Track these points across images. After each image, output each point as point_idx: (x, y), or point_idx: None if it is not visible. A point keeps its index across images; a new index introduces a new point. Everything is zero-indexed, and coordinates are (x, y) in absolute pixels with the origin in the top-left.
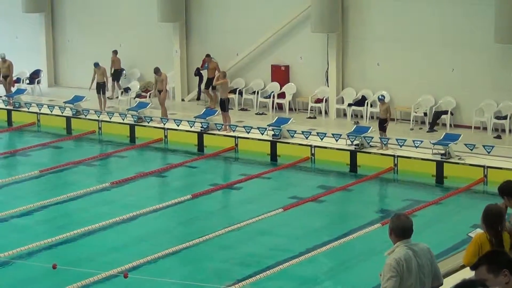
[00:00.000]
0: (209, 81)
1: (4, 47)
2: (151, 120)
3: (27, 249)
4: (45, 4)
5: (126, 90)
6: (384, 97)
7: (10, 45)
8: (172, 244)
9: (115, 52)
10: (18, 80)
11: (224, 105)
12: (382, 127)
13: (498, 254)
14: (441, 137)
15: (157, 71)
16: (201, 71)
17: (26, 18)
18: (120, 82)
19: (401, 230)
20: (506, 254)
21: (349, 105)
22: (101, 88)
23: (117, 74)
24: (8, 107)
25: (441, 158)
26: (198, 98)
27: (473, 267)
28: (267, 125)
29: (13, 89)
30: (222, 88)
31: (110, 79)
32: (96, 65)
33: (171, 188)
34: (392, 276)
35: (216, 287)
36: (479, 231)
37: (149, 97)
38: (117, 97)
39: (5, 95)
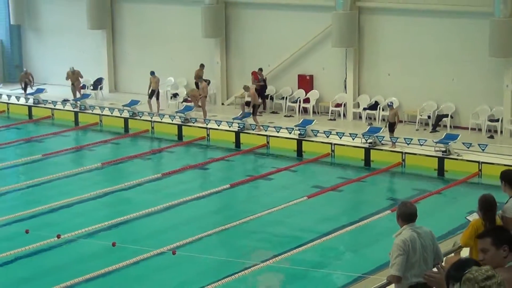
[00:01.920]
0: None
1: (72, 59)
2: (196, 121)
3: (91, 230)
4: (106, 22)
5: (175, 95)
6: (392, 103)
7: (77, 56)
8: (214, 226)
9: (201, 66)
10: (83, 87)
11: (255, 110)
12: (391, 129)
13: (502, 230)
14: (443, 137)
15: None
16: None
17: (90, 34)
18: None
19: (407, 215)
20: (509, 232)
21: (364, 109)
22: (153, 94)
23: (197, 85)
24: (75, 110)
25: (442, 154)
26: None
27: (479, 236)
28: (294, 126)
29: (78, 95)
30: (253, 97)
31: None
32: (152, 73)
33: (212, 179)
34: (399, 254)
35: (251, 263)
36: (476, 215)
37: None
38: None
39: (73, 99)
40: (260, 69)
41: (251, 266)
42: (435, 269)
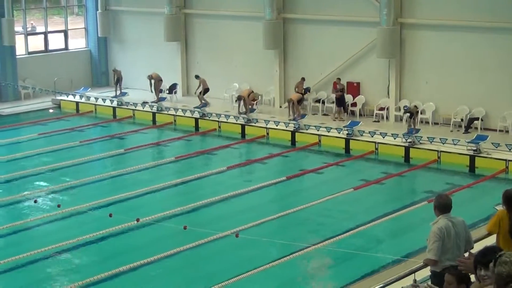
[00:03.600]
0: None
1: (151, 67)
2: (257, 121)
3: (165, 214)
4: (180, 35)
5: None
6: (407, 106)
7: (155, 65)
8: (272, 213)
9: (302, 79)
10: (160, 91)
11: (299, 102)
12: (413, 118)
13: (485, 252)
14: (474, 137)
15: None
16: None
17: (166, 45)
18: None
19: (443, 206)
20: (492, 253)
21: (404, 112)
22: (206, 92)
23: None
24: (153, 110)
25: (474, 153)
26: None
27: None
28: (343, 127)
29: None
30: (296, 96)
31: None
32: (197, 77)
33: (271, 172)
34: (436, 240)
35: (304, 246)
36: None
37: (256, 104)
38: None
39: (151, 102)
40: (338, 79)
41: (304, 248)
42: (466, 255)
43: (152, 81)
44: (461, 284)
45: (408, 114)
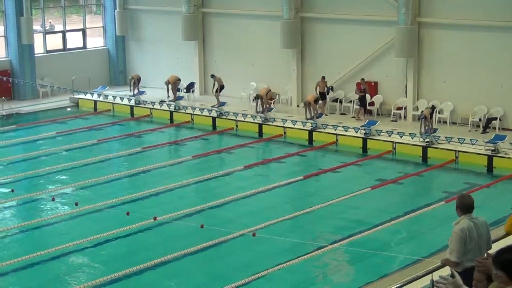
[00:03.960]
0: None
1: (168, 65)
2: (274, 120)
3: (182, 213)
4: (198, 34)
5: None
6: (423, 113)
7: (172, 64)
8: (289, 212)
9: (323, 78)
10: (177, 90)
11: (316, 101)
12: (428, 120)
13: (500, 252)
14: (492, 137)
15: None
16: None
17: (184, 44)
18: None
19: (466, 206)
20: (506, 253)
21: (422, 112)
22: (222, 89)
23: (322, 95)
24: (170, 109)
25: (491, 153)
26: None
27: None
28: (360, 126)
29: (172, 96)
30: (312, 97)
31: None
32: (212, 76)
33: (288, 171)
34: (458, 242)
35: (321, 245)
36: None
37: (273, 103)
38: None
39: (169, 101)
40: (362, 79)
41: (321, 248)
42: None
43: (169, 86)
44: (490, 282)
45: (423, 117)
